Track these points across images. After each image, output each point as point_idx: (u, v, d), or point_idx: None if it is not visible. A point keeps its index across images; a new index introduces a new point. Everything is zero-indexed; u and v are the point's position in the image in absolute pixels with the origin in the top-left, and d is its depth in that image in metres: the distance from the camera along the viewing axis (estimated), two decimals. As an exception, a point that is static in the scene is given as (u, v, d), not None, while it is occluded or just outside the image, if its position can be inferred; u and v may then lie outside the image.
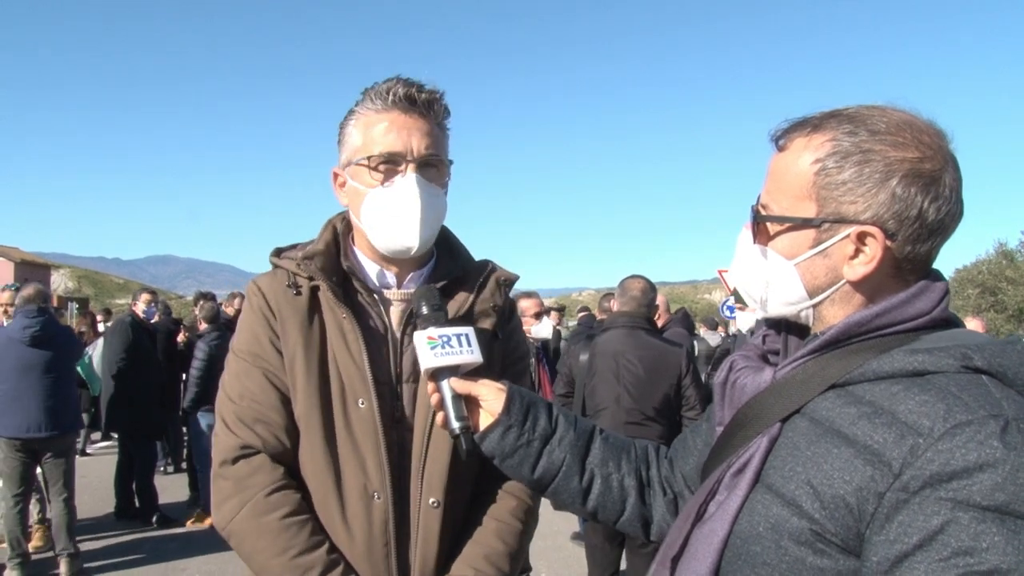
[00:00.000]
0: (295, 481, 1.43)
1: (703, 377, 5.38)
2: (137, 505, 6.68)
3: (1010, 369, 0.92)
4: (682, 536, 1.07)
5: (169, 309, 9.01)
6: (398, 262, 1.54)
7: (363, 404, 1.43)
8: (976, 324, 6.82)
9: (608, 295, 7.06)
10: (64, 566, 5.15)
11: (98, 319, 12.81)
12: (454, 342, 1.35)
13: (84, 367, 7.15)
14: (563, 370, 4.65)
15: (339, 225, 1.58)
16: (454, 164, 1.55)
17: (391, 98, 1.46)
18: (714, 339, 11.23)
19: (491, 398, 1.33)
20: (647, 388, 4.04)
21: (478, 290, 1.58)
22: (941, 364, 0.92)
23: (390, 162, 1.45)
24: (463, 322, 1.45)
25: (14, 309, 5.43)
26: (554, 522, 5.96)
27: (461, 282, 1.58)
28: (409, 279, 1.56)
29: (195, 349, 6.52)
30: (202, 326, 6.76)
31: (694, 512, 1.08)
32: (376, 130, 1.46)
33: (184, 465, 7.98)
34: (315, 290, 1.49)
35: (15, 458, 5.09)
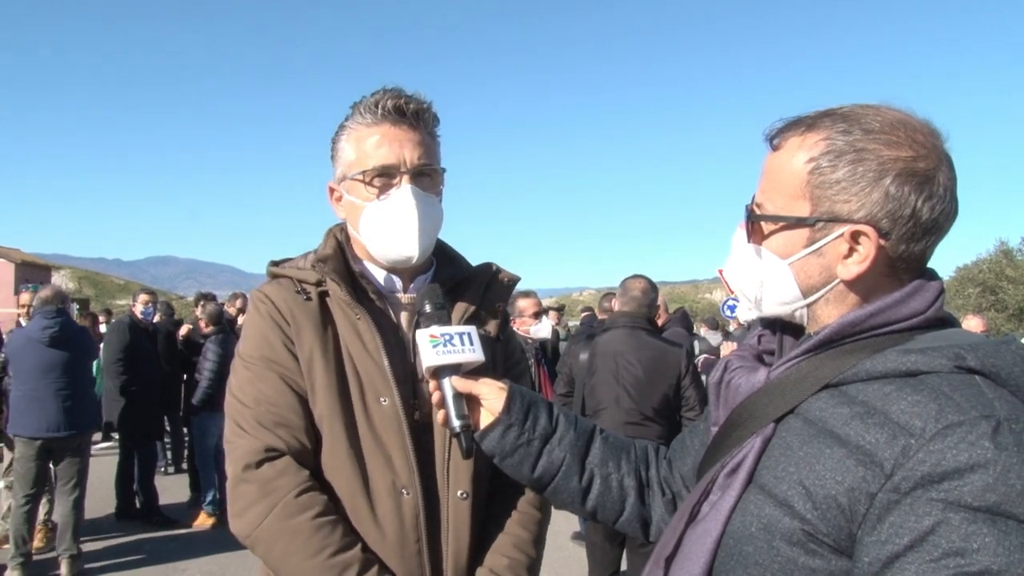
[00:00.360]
0: (319, 483, 1.42)
1: (703, 377, 5.38)
2: (138, 506, 6.68)
3: (1003, 369, 0.91)
4: (676, 536, 1.07)
5: (172, 309, 9.00)
6: (401, 269, 1.56)
7: (385, 401, 1.44)
8: (977, 322, 6.77)
9: (609, 295, 7.06)
10: (65, 567, 5.15)
11: (99, 320, 12.81)
12: (456, 340, 1.35)
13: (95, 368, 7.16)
14: (564, 370, 4.65)
15: (339, 235, 1.60)
16: (449, 170, 1.56)
17: (380, 111, 1.47)
18: (715, 339, 11.21)
19: (492, 397, 1.34)
20: (646, 388, 4.04)
21: (485, 292, 1.61)
22: (934, 364, 0.92)
23: (385, 175, 1.47)
24: (471, 324, 1.46)
25: (32, 310, 5.45)
26: (554, 522, 5.93)
27: (466, 285, 1.60)
28: (413, 284, 1.58)
29: (204, 350, 6.56)
30: (207, 328, 6.77)
31: (688, 512, 1.08)
32: (368, 144, 1.48)
33: (185, 466, 7.99)
34: (323, 295, 1.50)
35: (31, 459, 5.11)
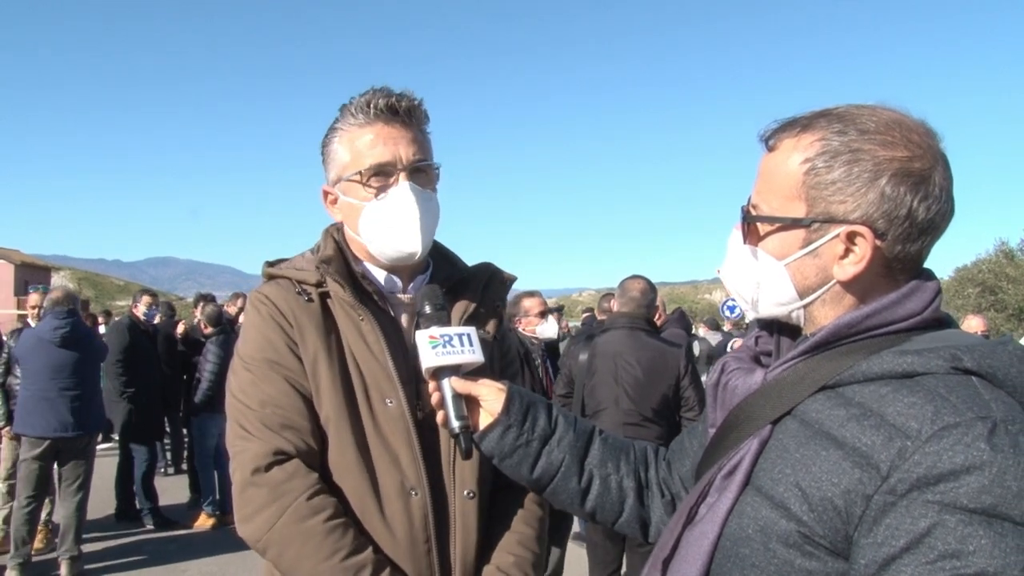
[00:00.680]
0: (327, 485, 1.41)
1: (703, 377, 5.37)
2: (138, 507, 6.68)
3: (1000, 370, 0.91)
4: (673, 538, 1.07)
5: (173, 310, 8.99)
6: (400, 268, 1.55)
7: (391, 403, 1.43)
8: (978, 322, 6.72)
9: (608, 295, 7.05)
10: (65, 568, 5.15)
11: (99, 321, 12.80)
12: (455, 342, 1.36)
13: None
14: (563, 370, 4.66)
15: (337, 235, 1.58)
16: (449, 170, 1.57)
17: (372, 110, 1.46)
18: (715, 339, 11.20)
19: (491, 398, 1.34)
20: (646, 389, 4.04)
21: (484, 292, 1.61)
22: (931, 365, 0.92)
23: (381, 173, 1.47)
24: (470, 324, 1.46)
25: (42, 311, 5.46)
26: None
27: (465, 285, 1.60)
28: (412, 284, 1.58)
29: (205, 351, 6.56)
30: (207, 330, 6.78)
31: (685, 514, 1.08)
32: (362, 143, 1.47)
33: (185, 466, 7.98)
34: (324, 296, 1.49)
35: (36, 460, 5.11)
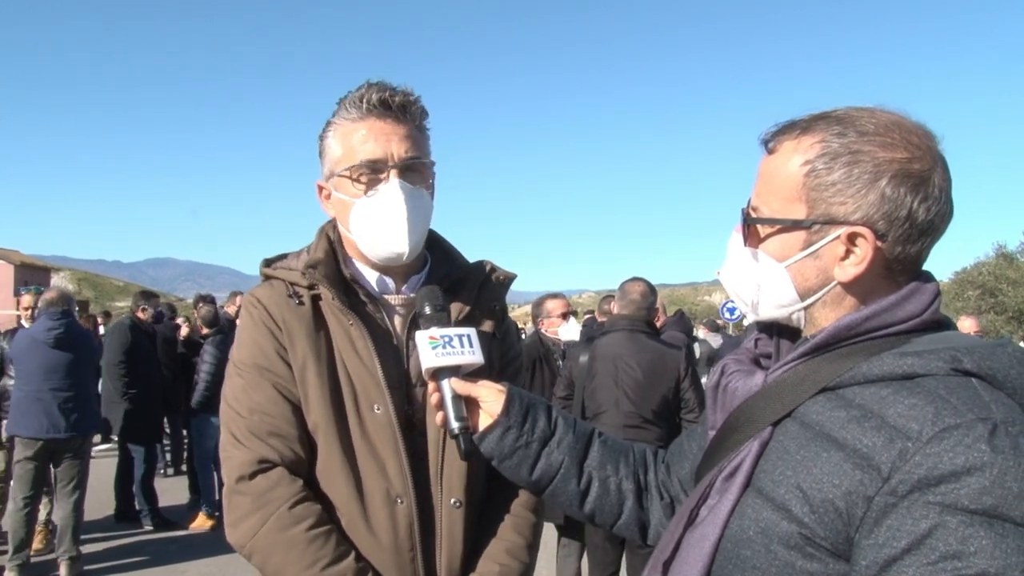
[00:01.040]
0: (313, 492, 1.41)
1: (703, 379, 5.37)
2: (137, 508, 6.68)
3: (999, 372, 0.92)
4: (674, 540, 1.07)
5: (173, 311, 8.99)
6: (393, 268, 1.53)
7: (379, 410, 1.42)
8: (971, 323, 6.82)
9: (608, 297, 7.06)
10: (64, 569, 5.14)
11: (99, 322, 12.80)
12: (455, 343, 1.35)
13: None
14: (564, 372, 4.66)
15: (331, 233, 1.57)
16: (447, 170, 1.56)
17: (366, 105, 1.45)
18: (716, 340, 11.21)
19: (491, 399, 1.33)
20: (646, 391, 4.04)
21: (480, 291, 1.59)
22: (930, 367, 0.92)
23: (372, 169, 1.45)
24: (466, 324, 1.45)
25: (37, 311, 5.45)
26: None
27: (462, 284, 1.58)
28: (407, 284, 1.56)
29: (202, 352, 6.55)
30: (204, 330, 6.77)
31: (686, 516, 1.08)
32: (354, 139, 1.45)
33: (184, 467, 7.98)
34: (315, 299, 1.48)
35: (30, 460, 5.10)
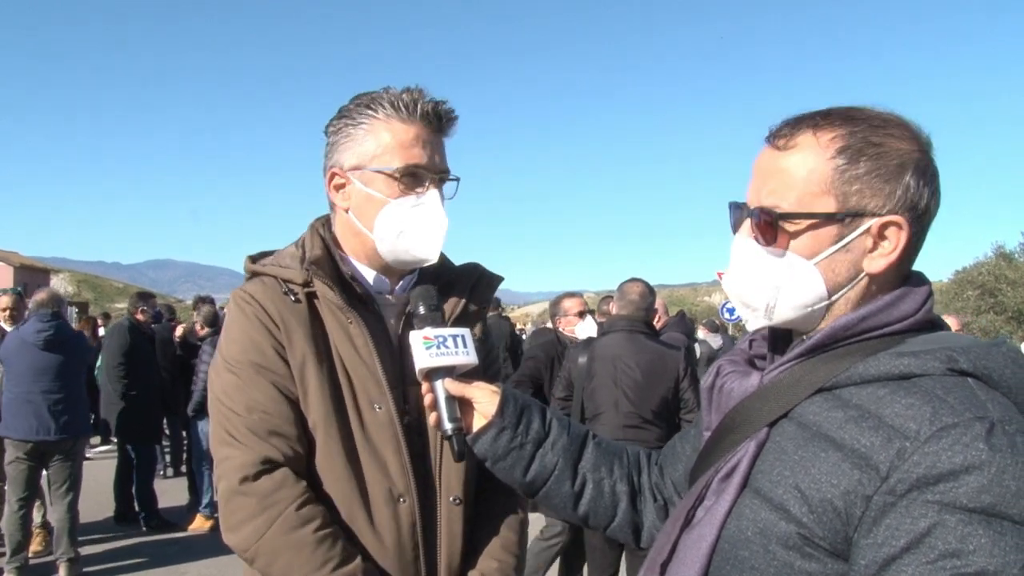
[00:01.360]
0: (314, 491, 1.40)
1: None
2: (136, 509, 6.67)
3: (995, 371, 0.92)
4: (671, 542, 1.07)
5: (173, 312, 8.99)
6: (392, 269, 1.53)
7: (380, 408, 1.42)
8: (952, 322, 6.93)
9: (607, 298, 7.06)
10: (63, 571, 5.14)
11: (99, 323, 12.81)
12: (450, 343, 1.35)
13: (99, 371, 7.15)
14: (563, 373, 4.65)
15: (323, 231, 1.55)
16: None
17: (419, 111, 1.44)
18: (715, 341, 11.21)
19: (485, 400, 1.33)
20: (645, 392, 4.04)
21: (470, 293, 1.59)
22: (927, 367, 0.92)
23: (414, 175, 1.44)
24: (459, 325, 1.45)
25: (28, 313, 5.44)
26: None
27: (452, 285, 1.58)
28: (400, 284, 1.56)
29: (200, 353, 6.54)
30: (202, 331, 6.77)
31: (682, 517, 1.07)
32: (402, 139, 1.44)
33: (184, 469, 7.98)
34: (310, 296, 1.46)
35: (22, 462, 5.09)
